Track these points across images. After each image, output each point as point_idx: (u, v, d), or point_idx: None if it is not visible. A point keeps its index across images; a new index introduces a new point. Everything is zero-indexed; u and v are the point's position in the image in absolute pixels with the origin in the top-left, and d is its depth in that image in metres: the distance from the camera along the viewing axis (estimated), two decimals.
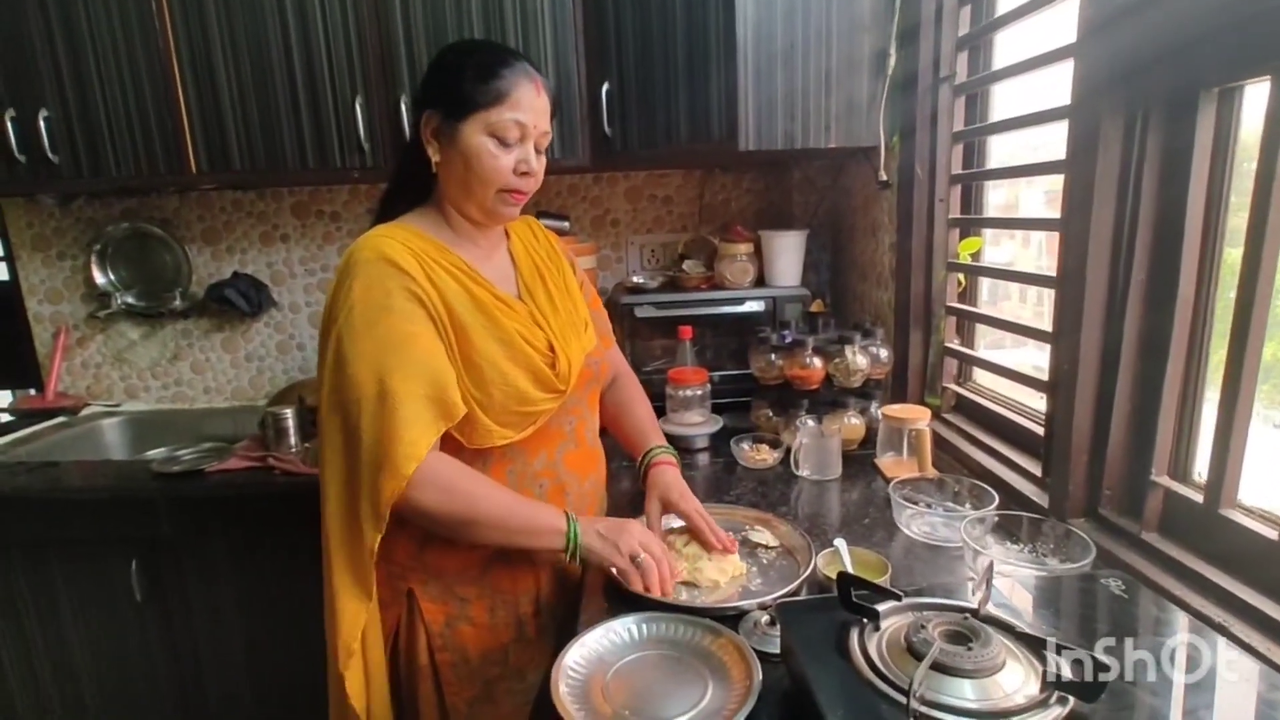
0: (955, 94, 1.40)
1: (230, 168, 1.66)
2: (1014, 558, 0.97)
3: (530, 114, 0.95)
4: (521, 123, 0.94)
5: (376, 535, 0.90)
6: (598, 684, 0.78)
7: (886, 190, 1.58)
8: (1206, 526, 0.85)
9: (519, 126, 0.94)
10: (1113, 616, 0.75)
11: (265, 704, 1.64)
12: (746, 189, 2.08)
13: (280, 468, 1.53)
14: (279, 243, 2.06)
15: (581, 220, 2.08)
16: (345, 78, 1.62)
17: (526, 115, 0.94)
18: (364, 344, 0.89)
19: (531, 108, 0.95)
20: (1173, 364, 0.89)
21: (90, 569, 1.57)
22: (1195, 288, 0.88)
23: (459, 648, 1.02)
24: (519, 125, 0.94)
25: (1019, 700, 0.61)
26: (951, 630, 0.68)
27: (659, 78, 1.56)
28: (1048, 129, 1.17)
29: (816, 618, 0.75)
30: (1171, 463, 0.93)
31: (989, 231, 1.45)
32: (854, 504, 1.26)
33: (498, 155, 0.94)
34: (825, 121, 1.47)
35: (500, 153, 0.94)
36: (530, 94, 0.95)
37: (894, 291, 1.58)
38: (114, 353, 2.11)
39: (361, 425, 0.88)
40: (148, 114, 1.63)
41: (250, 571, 1.57)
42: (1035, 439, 1.20)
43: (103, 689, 1.64)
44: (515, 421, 0.99)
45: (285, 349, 2.13)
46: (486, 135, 0.94)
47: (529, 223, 1.18)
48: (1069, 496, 1.01)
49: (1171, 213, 0.89)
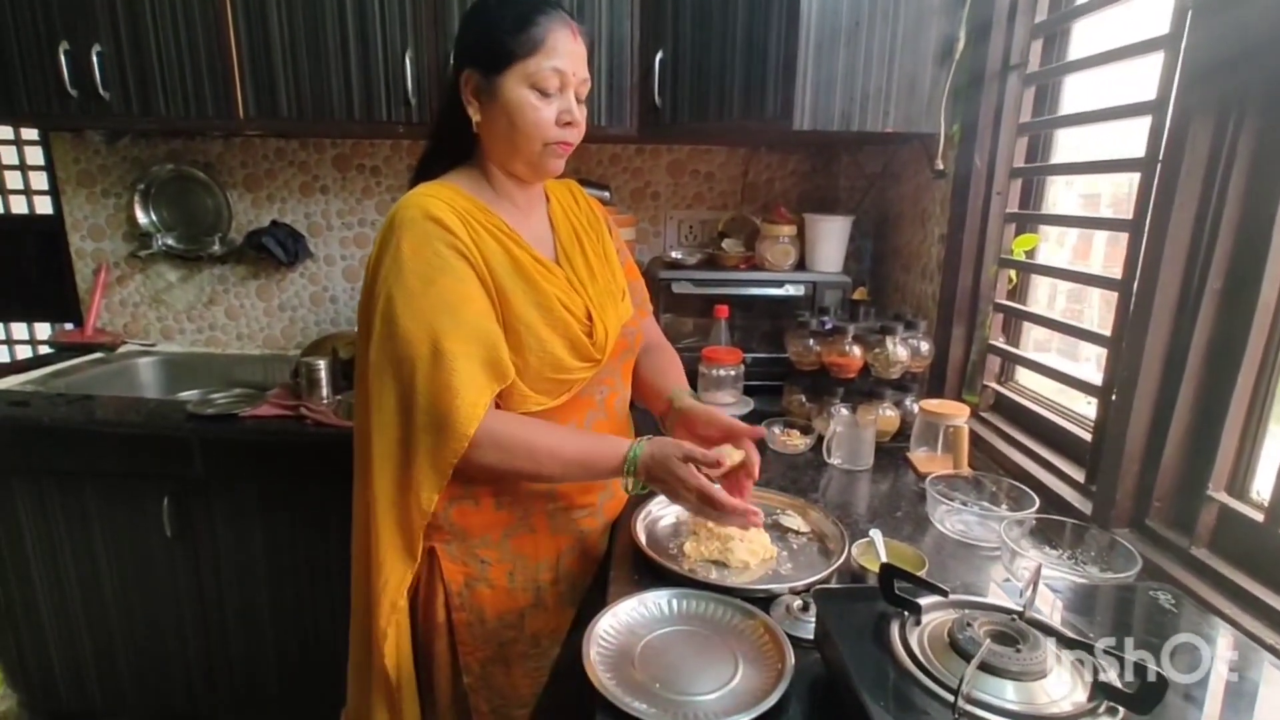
0: (1024, 84, 1.35)
1: (277, 114, 1.65)
2: (1053, 563, 0.94)
3: (569, 60, 0.93)
4: (561, 70, 0.93)
5: (434, 496, 0.91)
6: (628, 653, 0.77)
7: (940, 180, 1.53)
8: (1264, 547, 0.82)
9: (559, 74, 0.93)
10: (1155, 628, 0.73)
11: (284, 645, 1.68)
12: (792, 170, 2.04)
13: (312, 418, 1.54)
14: (318, 194, 2.06)
15: (621, 191, 2.05)
16: (396, 31, 1.60)
17: (565, 62, 0.93)
18: (419, 303, 0.89)
19: (569, 53, 0.94)
20: (1244, 376, 0.86)
21: (124, 502, 1.60)
22: (1277, 298, 0.84)
23: (476, 608, 1.02)
24: (558, 73, 0.93)
25: (1065, 708, 0.60)
26: (998, 631, 0.66)
27: (715, 48, 1.52)
28: (1112, 128, 1.12)
29: (855, 606, 0.74)
30: (1230, 478, 0.90)
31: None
32: (884, 496, 1.24)
33: (540, 107, 0.93)
34: (884, 105, 1.43)
35: (542, 104, 0.93)
36: (567, 39, 0.93)
37: (939, 284, 1.54)
38: (152, 293, 2.13)
39: (417, 386, 0.88)
40: (199, 55, 1.62)
41: (278, 516, 1.59)
42: (1078, 444, 1.18)
43: (130, 618, 1.68)
44: (550, 389, 0.99)
45: (319, 300, 2.14)
46: (527, 88, 0.92)
47: (570, 186, 1.16)
48: (1115, 505, 0.99)
49: (1258, 216, 0.85)
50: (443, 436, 0.88)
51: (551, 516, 1.04)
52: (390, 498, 0.94)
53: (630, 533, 1.01)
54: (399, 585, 0.95)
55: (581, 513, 1.06)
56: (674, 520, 1.09)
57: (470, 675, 1.04)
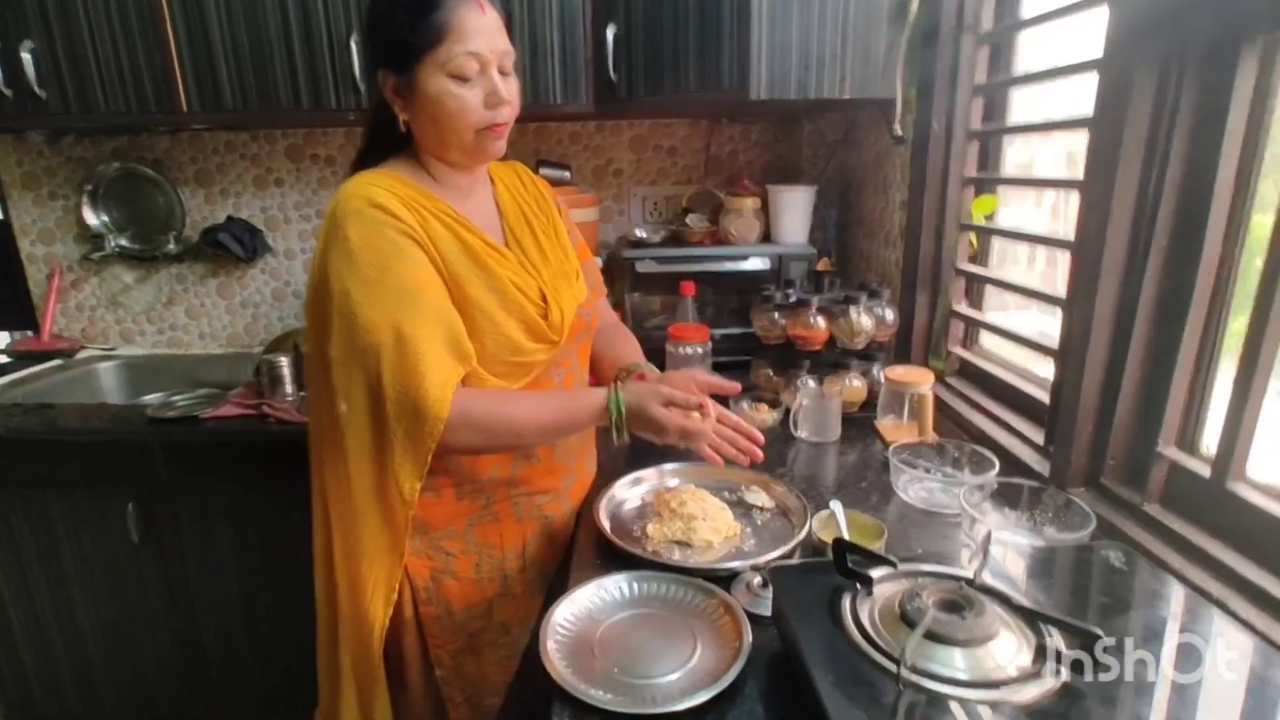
0: (978, 44, 1.33)
1: (222, 106, 1.60)
2: (1012, 525, 0.95)
3: (482, 39, 0.88)
4: (476, 52, 0.88)
5: (416, 485, 0.90)
6: (587, 641, 0.77)
7: (900, 146, 1.52)
8: (1212, 500, 0.83)
9: (474, 58, 0.88)
10: (1109, 589, 0.73)
11: (258, 645, 1.67)
12: (755, 141, 2.01)
13: (275, 415, 1.52)
14: (273, 187, 2.01)
15: (583, 170, 2.02)
16: (340, 14, 1.55)
17: (478, 42, 0.88)
18: (376, 292, 0.87)
19: (480, 31, 0.88)
20: (1189, 332, 0.86)
21: (88, 510, 1.58)
22: (1220, 254, 0.84)
23: (443, 601, 1.02)
24: (474, 56, 0.88)
25: (1011, 671, 0.60)
26: (945, 599, 0.67)
27: (668, 20, 1.48)
28: (1073, 85, 1.10)
29: (810, 581, 0.74)
30: (1180, 434, 0.91)
31: (1001, 192, 1.39)
32: (852, 467, 1.25)
33: (462, 95, 0.89)
34: (841, 72, 1.40)
35: (464, 90, 0.89)
36: (475, 16, 0.88)
37: (902, 251, 1.53)
38: (108, 296, 2.08)
39: (384, 376, 0.86)
40: (136, 49, 1.56)
41: (245, 516, 1.58)
42: (1040, 406, 1.18)
43: (103, 624, 1.67)
44: (508, 372, 0.98)
45: (281, 296, 2.10)
46: (444, 77, 0.88)
47: (515, 168, 1.13)
48: (1071, 465, 1.00)
49: (1201, 174, 0.84)
50: (418, 422, 0.87)
51: (515, 504, 1.04)
52: (370, 493, 0.93)
53: (594, 518, 1.01)
54: (390, 581, 0.95)
55: (545, 498, 1.06)
56: (639, 502, 1.09)
57: (442, 668, 1.04)
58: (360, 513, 0.94)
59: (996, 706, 0.57)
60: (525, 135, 1.98)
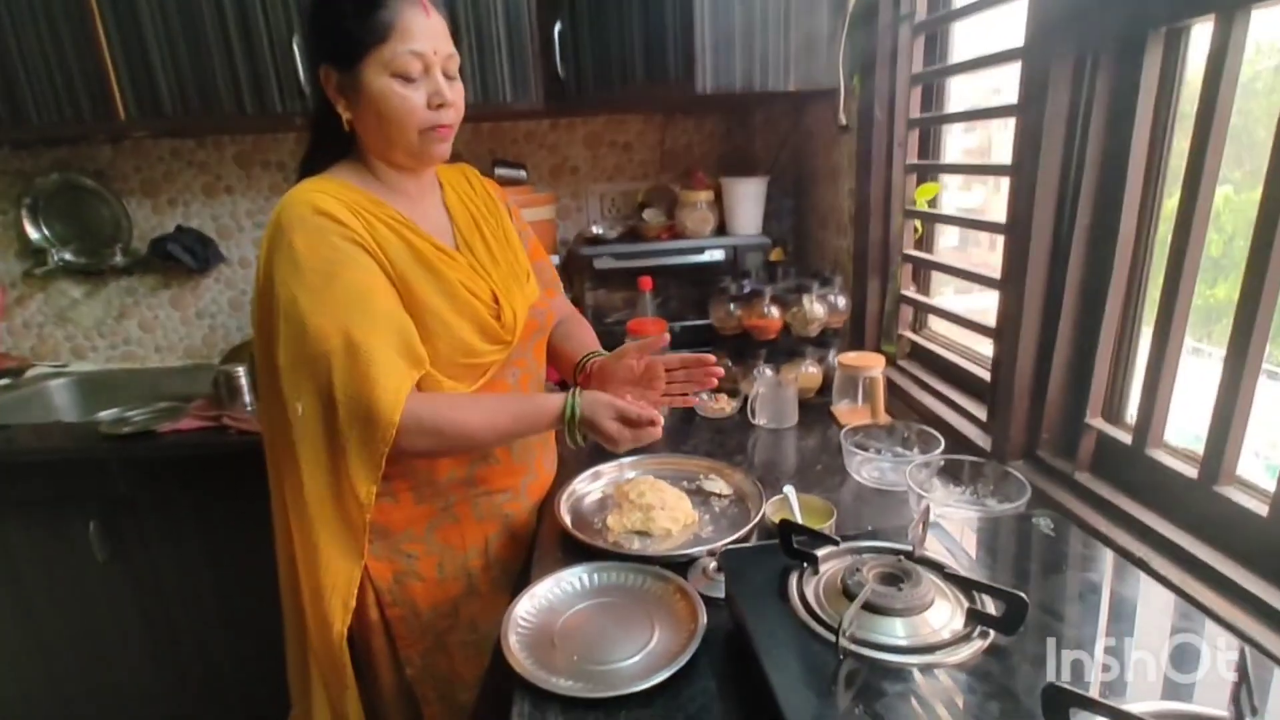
0: (915, 33, 1.37)
1: (161, 113, 1.57)
2: (955, 499, 1.00)
3: (427, 40, 0.89)
4: (419, 52, 0.89)
5: (372, 488, 0.90)
6: (548, 633, 0.79)
7: (846, 134, 1.55)
8: (1133, 466, 0.88)
9: (418, 57, 0.89)
10: (1043, 554, 0.78)
11: (239, 655, 1.66)
12: (709, 134, 2.03)
13: (236, 426, 1.50)
14: (223, 194, 1.98)
15: (540, 169, 2.02)
16: (280, 14, 1.52)
17: (422, 42, 0.89)
18: (324, 299, 0.87)
19: (425, 33, 0.89)
20: (1110, 308, 0.91)
21: (49, 531, 1.55)
22: (1135, 232, 0.89)
23: (409, 602, 1.02)
24: (418, 56, 0.89)
25: (944, 635, 0.64)
26: (885, 572, 0.70)
27: (612, 14, 1.50)
28: (1011, 73, 1.14)
29: (760, 563, 0.77)
30: (1105, 405, 0.96)
31: (960, 177, 1.44)
32: (809, 451, 1.28)
33: (406, 94, 0.89)
34: (784, 61, 1.43)
35: (408, 90, 0.89)
36: (419, 17, 0.89)
37: (853, 239, 1.57)
38: (56, 312, 2.03)
39: (334, 382, 0.87)
40: (66, 55, 1.52)
41: (216, 525, 1.56)
42: (983, 384, 1.23)
43: (74, 649, 1.64)
44: (462, 374, 0.98)
45: (238, 305, 2.07)
46: (388, 76, 0.89)
47: (464, 171, 1.14)
48: (1009, 439, 1.04)
49: (1116, 156, 0.89)
50: (370, 428, 0.87)
51: (474, 504, 1.05)
52: (325, 499, 0.93)
53: (555, 513, 1.03)
54: (349, 584, 0.95)
55: (504, 496, 1.07)
56: (599, 495, 1.11)
57: (412, 667, 1.05)
58: (317, 518, 0.94)
59: (931, 669, 0.60)
60: (480, 135, 1.97)
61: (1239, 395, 0.73)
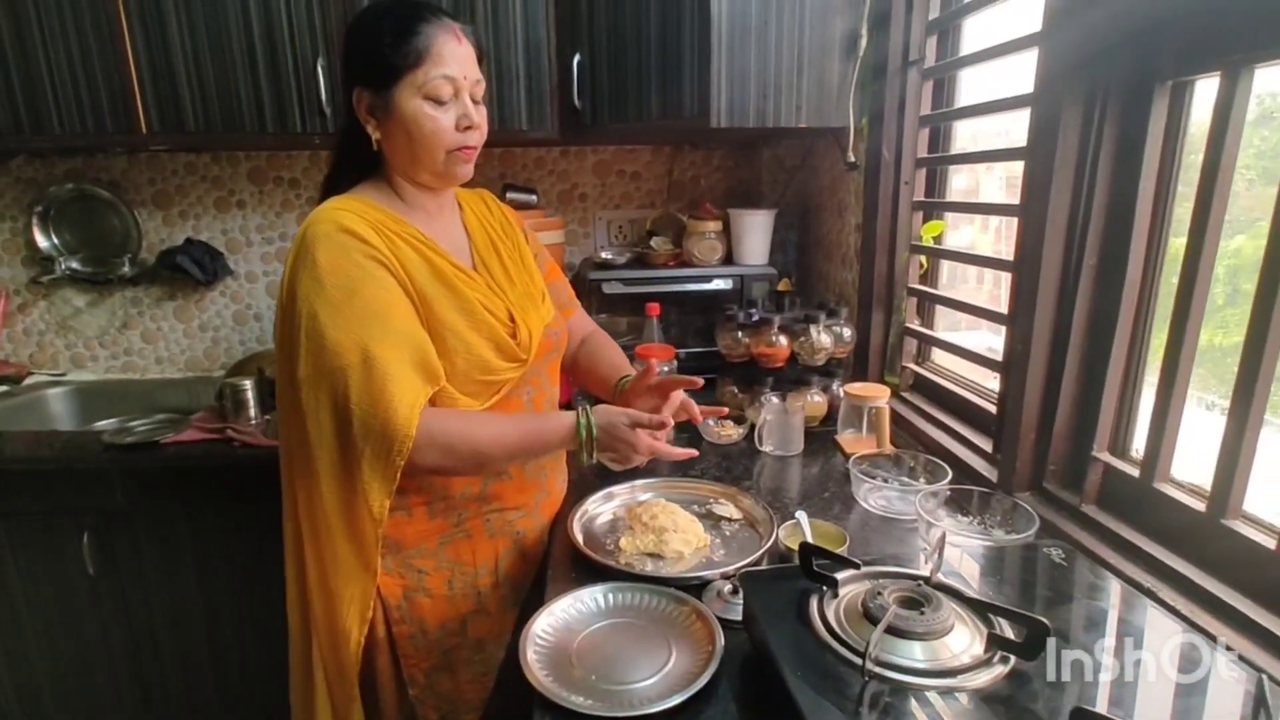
0: (923, 78, 1.42)
1: (184, 129, 1.59)
2: (964, 529, 1.01)
3: (458, 66, 0.94)
4: (451, 77, 0.93)
5: (386, 502, 0.91)
6: (565, 650, 0.79)
7: (854, 172, 1.60)
8: (1141, 499, 0.90)
9: (450, 82, 0.93)
10: (1052, 583, 0.79)
11: (224, 675, 1.63)
12: (716, 166, 2.08)
13: (240, 440, 1.50)
14: (235, 209, 2.00)
15: (549, 194, 2.06)
16: (306, 38, 1.56)
17: (454, 68, 0.93)
18: (344, 315, 0.88)
19: (456, 59, 0.94)
20: (1117, 345, 0.94)
21: (40, 542, 1.52)
22: (1141, 273, 0.92)
23: (417, 620, 1.02)
24: (449, 80, 0.93)
25: (965, 660, 0.65)
26: (905, 596, 0.71)
27: (631, 50, 1.54)
28: (1014, 116, 1.20)
29: (778, 586, 0.78)
30: (1112, 439, 0.98)
31: (950, 215, 1.48)
32: (814, 478, 1.29)
33: (436, 117, 0.94)
34: (797, 101, 1.48)
35: (438, 113, 0.94)
36: (453, 45, 0.94)
37: (858, 272, 1.61)
38: (58, 320, 2.02)
39: (351, 396, 0.88)
40: (94, 70, 1.55)
41: (209, 543, 1.54)
42: (988, 417, 1.25)
43: (55, 662, 1.60)
44: (478, 390, 1.00)
45: (242, 319, 2.07)
46: (420, 99, 0.93)
47: (483, 195, 1.17)
48: (1016, 471, 1.06)
49: (1123, 200, 0.93)
50: (386, 441, 0.88)
51: (486, 520, 1.05)
52: (339, 514, 0.93)
53: (567, 532, 1.03)
54: (365, 599, 0.96)
55: (516, 514, 1.08)
56: (611, 517, 1.12)
57: (415, 686, 1.04)
58: (332, 531, 0.94)
59: (952, 693, 0.61)
60: (491, 160, 2.01)
61: (1246, 431, 0.76)
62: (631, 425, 0.96)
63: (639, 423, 0.96)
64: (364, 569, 0.95)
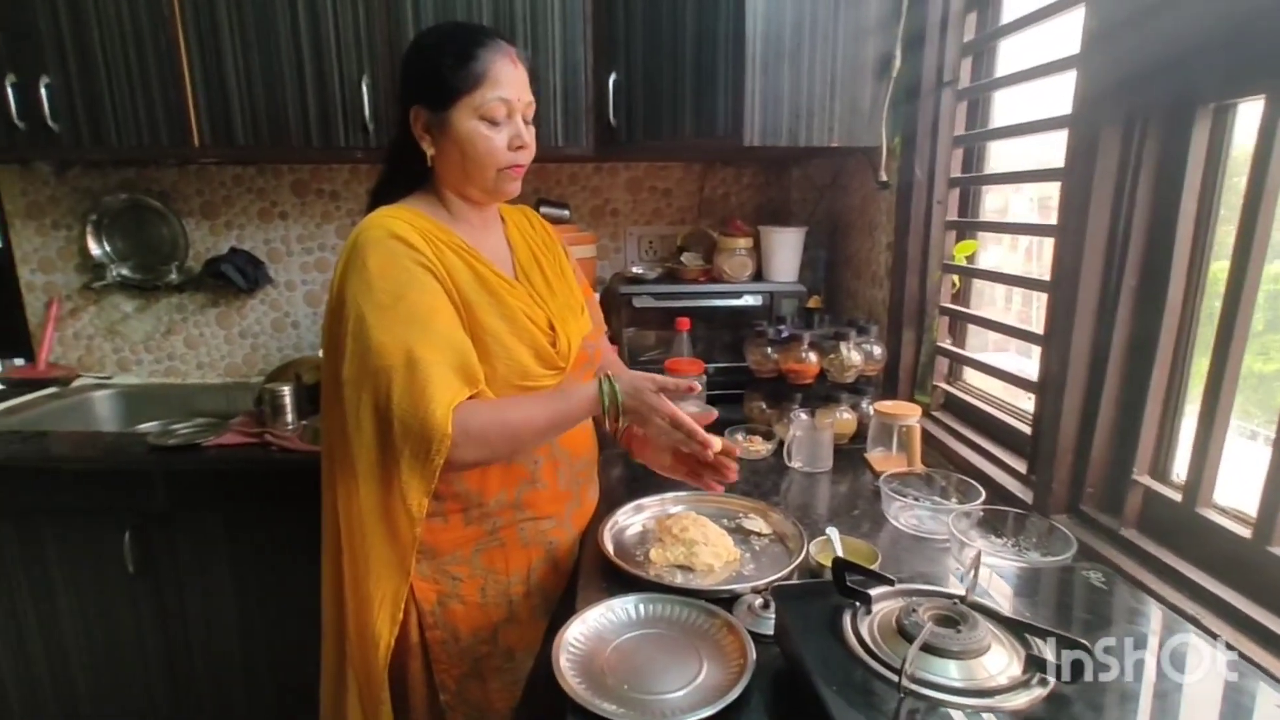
0: (957, 99, 1.43)
1: (233, 142, 1.65)
2: (998, 551, 1.00)
3: (512, 88, 0.98)
4: (506, 99, 0.98)
5: (424, 501, 0.93)
6: (597, 658, 0.80)
7: (885, 191, 1.60)
8: (1183, 524, 0.89)
9: (505, 103, 0.98)
10: (1091, 606, 0.78)
11: (254, 677, 1.66)
12: (746, 184, 2.10)
13: (278, 444, 1.53)
14: (277, 220, 2.06)
15: (581, 209, 2.09)
16: (353, 57, 1.62)
17: (509, 90, 0.98)
18: (390, 317, 0.91)
19: (512, 82, 0.98)
20: (1158, 368, 0.93)
21: (83, 539, 1.57)
22: (1183, 296, 0.91)
23: (450, 626, 1.04)
24: (504, 102, 0.98)
25: (1002, 680, 0.64)
26: (940, 614, 0.71)
27: (666, 70, 1.57)
28: (1047, 137, 1.20)
29: (811, 600, 0.78)
30: (1153, 463, 0.97)
31: (980, 235, 1.48)
32: (843, 496, 1.29)
33: (490, 136, 0.98)
34: (829, 122, 1.50)
35: (492, 133, 0.98)
36: (508, 67, 0.98)
37: (889, 290, 1.60)
38: (107, 325, 2.10)
39: (393, 396, 0.90)
40: (151, 85, 1.62)
41: (244, 546, 1.58)
42: (1021, 437, 1.24)
43: (92, 658, 1.64)
44: (516, 396, 1.02)
45: (280, 326, 2.13)
46: (477, 119, 0.97)
47: (525, 211, 1.21)
48: (1053, 493, 1.05)
49: (1163, 222, 0.92)
50: (424, 442, 0.90)
51: (520, 528, 1.06)
52: (377, 513, 0.95)
53: (598, 543, 1.04)
54: (396, 599, 0.98)
55: (549, 523, 1.09)
56: (640, 529, 1.12)
57: (446, 693, 1.05)
58: (368, 531, 0.96)
59: (991, 713, 0.61)
60: (527, 175, 2.01)
61: None
62: (656, 389, 0.98)
63: (664, 386, 0.98)
64: (398, 570, 0.97)
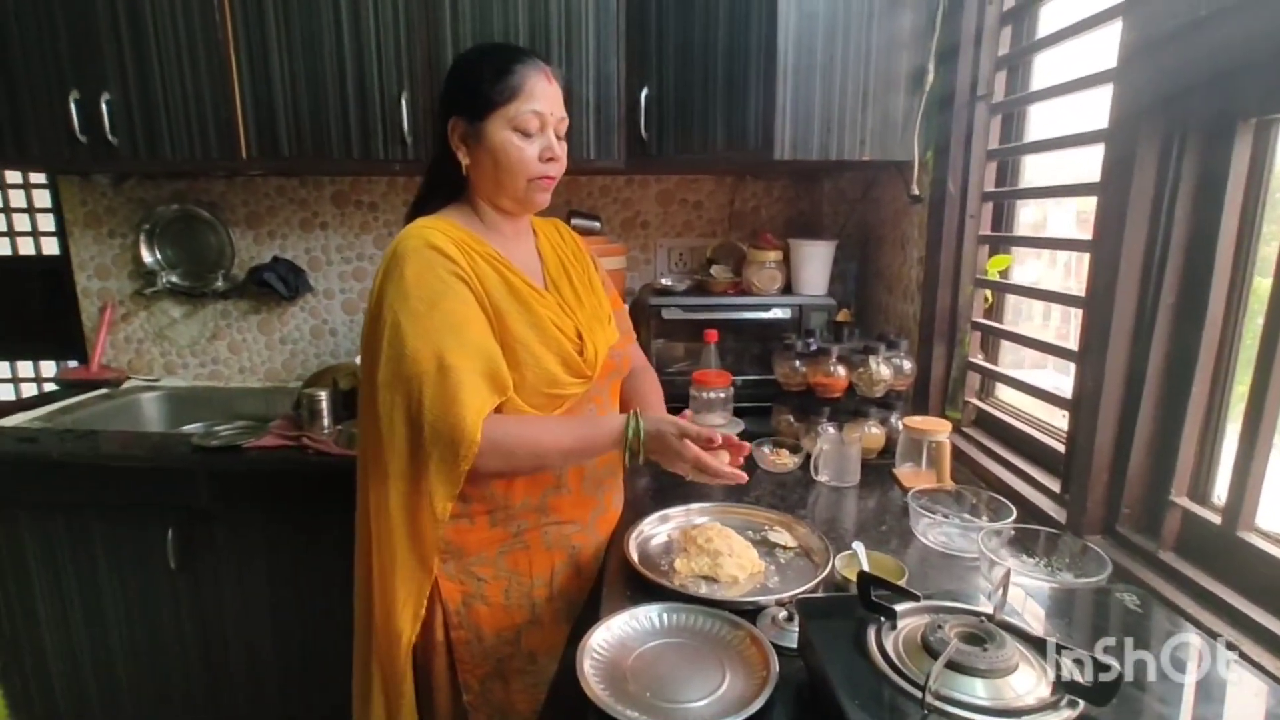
0: (991, 113, 1.42)
1: (279, 155, 1.71)
2: (1029, 570, 0.98)
3: (545, 102, 1.02)
4: (539, 112, 1.02)
5: (448, 504, 0.97)
6: (620, 665, 0.81)
7: (917, 205, 1.59)
8: (1223, 548, 0.86)
9: (538, 116, 1.02)
10: (1126, 629, 0.76)
11: (287, 673, 1.69)
12: (777, 197, 2.11)
13: (314, 448, 1.58)
14: (318, 230, 2.13)
15: (612, 221, 2.12)
16: (393, 74, 1.67)
17: (542, 104, 1.02)
18: (424, 324, 0.95)
19: (545, 96, 1.03)
20: (1198, 387, 0.90)
21: (129, 535, 1.63)
22: (1223, 313, 0.89)
23: (474, 626, 1.06)
24: (537, 115, 1.02)
25: (1030, 701, 0.64)
26: (967, 632, 0.70)
27: (698, 85, 1.59)
28: (1083, 151, 1.18)
29: (835, 614, 0.77)
30: (1191, 485, 0.94)
31: (1016, 250, 1.46)
32: (871, 511, 1.28)
33: (523, 147, 1.02)
34: (861, 135, 1.50)
35: (525, 144, 1.02)
36: (543, 84, 1.03)
37: (920, 305, 1.59)
38: (156, 329, 2.18)
39: (425, 401, 0.94)
40: (204, 101, 1.69)
41: (280, 546, 1.62)
42: (1054, 455, 1.22)
43: (134, 649, 1.70)
44: (543, 403, 1.04)
45: (319, 333, 2.19)
46: (510, 130, 1.01)
47: (556, 224, 1.25)
48: (1087, 513, 1.03)
49: (1203, 238, 0.90)
50: (453, 447, 0.94)
51: (544, 532, 1.08)
52: (403, 514, 0.99)
53: (623, 551, 1.05)
54: (419, 597, 1.01)
55: (573, 528, 1.11)
56: (665, 539, 1.13)
57: (470, 693, 1.07)
58: (395, 530, 1.00)
59: None
60: (558, 187, 2.03)
61: None
62: (679, 435, 0.99)
63: (686, 434, 0.99)
64: (421, 568, 1.00)
